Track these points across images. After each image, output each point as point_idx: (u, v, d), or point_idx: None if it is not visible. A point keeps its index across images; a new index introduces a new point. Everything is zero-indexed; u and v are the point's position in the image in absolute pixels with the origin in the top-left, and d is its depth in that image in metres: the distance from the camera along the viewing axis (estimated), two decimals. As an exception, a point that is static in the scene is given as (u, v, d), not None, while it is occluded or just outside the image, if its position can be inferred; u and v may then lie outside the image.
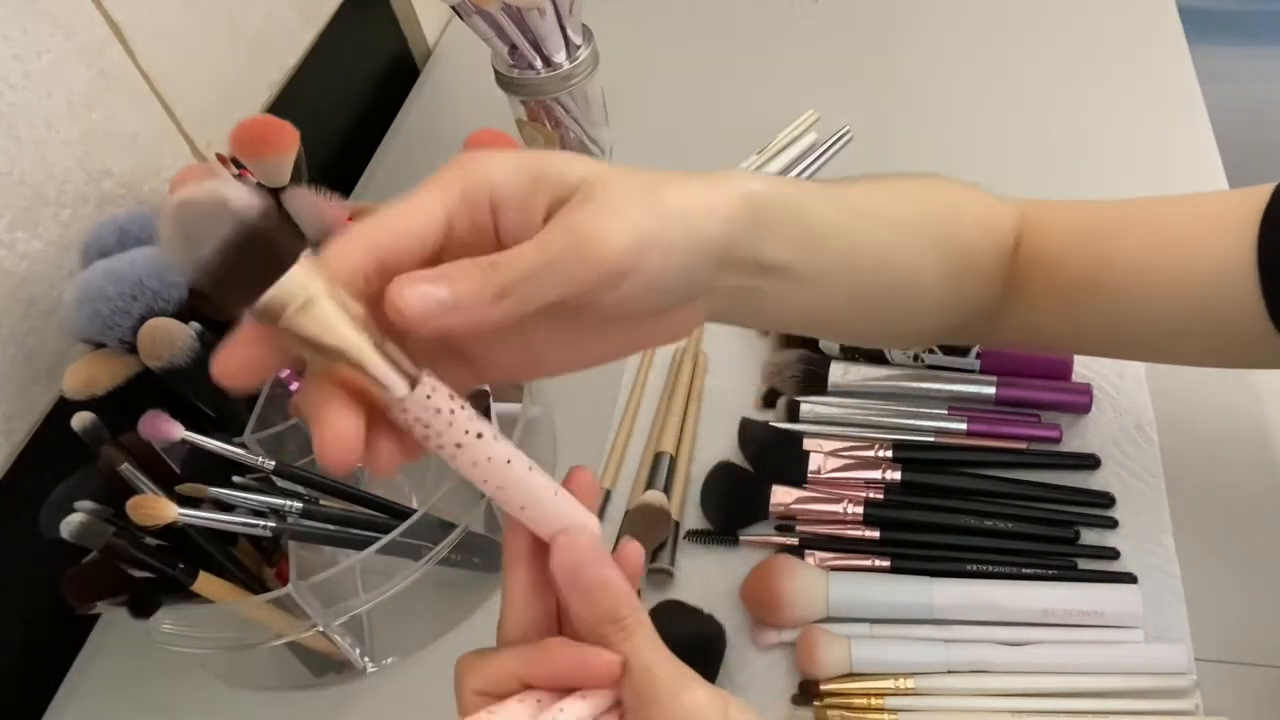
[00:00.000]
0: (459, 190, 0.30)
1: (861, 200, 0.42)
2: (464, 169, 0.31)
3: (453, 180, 0.30)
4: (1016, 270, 0.48)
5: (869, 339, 0.49)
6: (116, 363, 0.56)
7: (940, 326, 0.48)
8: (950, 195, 0.47)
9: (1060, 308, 0.48)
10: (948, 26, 0.93)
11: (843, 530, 0.58)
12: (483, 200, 0.31)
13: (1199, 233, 0.45)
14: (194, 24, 0.76)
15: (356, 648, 0.59)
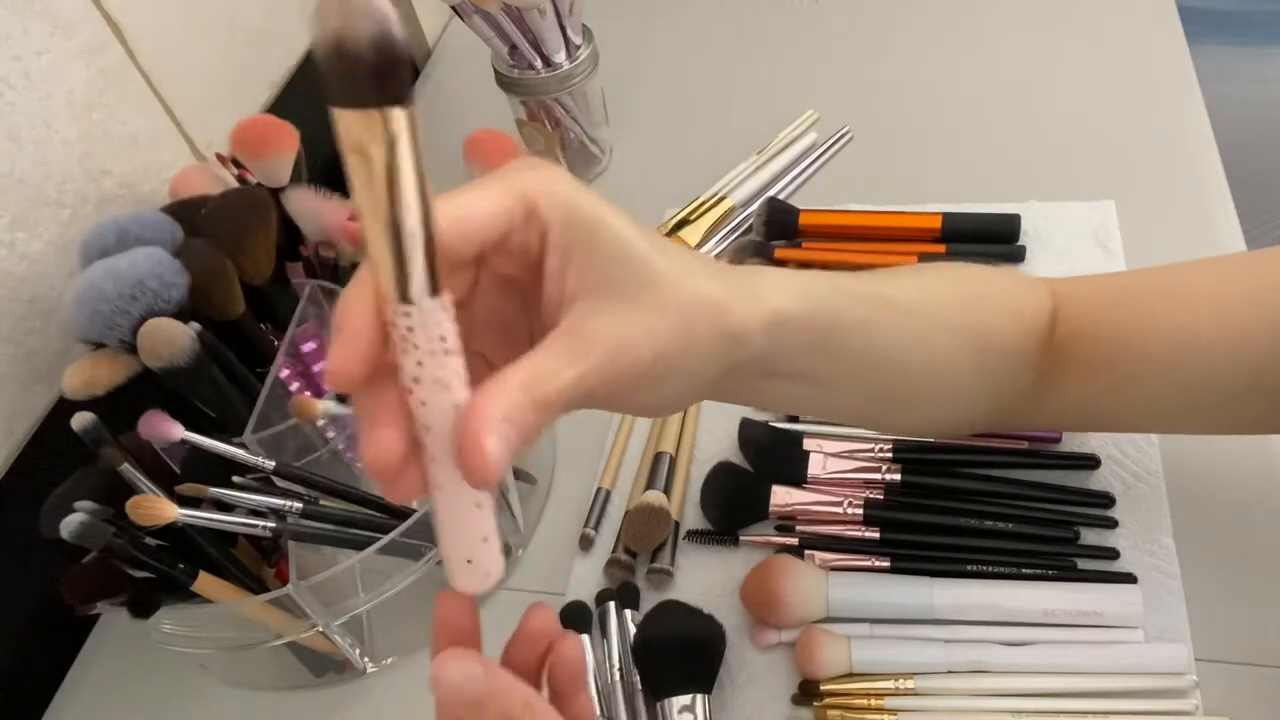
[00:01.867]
0: (524, 206, 0.30)
1: (895, 294, 0.41)
2: (535, 182, 0.30)
3: (522, 190, 0.30)
4: (1055, 348, 0.46)
5: (891, 428, 0.48)
6: (116, 363, 0.56)
7: (970, 414, 0.47)
8: (975, 284, 0.46)
9: (1108, 382, 0.46)
10: (947, 27, 0.93)
11: (843, 530, 0.58)
12: (536, 229, 0.30)
13: (1246, 291, 0.43)
14: (194, 24, 0.76)
15: (356, 648, 0.59)
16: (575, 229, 0.30)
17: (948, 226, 0.73)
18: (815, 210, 0.77)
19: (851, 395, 0.40)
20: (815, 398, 0.39)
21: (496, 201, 0.29)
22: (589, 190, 0.31)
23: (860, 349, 0.39)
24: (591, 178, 0.87)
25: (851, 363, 0.39)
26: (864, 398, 0.41)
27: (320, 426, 0.62)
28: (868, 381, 0.40)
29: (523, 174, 0.30)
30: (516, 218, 0.30)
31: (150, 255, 0.56)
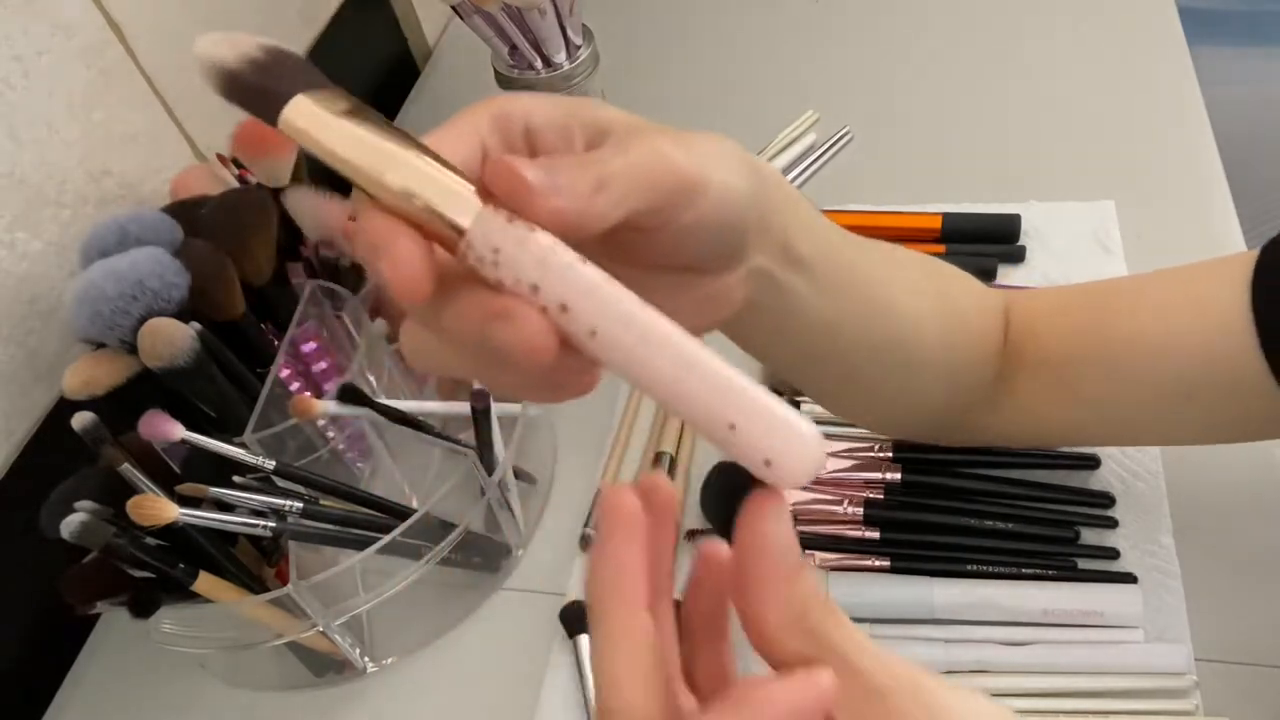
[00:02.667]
0: (489, 119, 0.29)
1: (863, 240, 0.42)
2: (489, 102, 0.29)
3: (481, 112, 0.29)
4: (1008, 352, 0.47)
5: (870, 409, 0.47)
6: (117, 363, 0.56)
7: (938, 404, 0.47)
8: (939, 263, 0.47)
9: (1058, 387, 0.47)
10: (947, 27, 0.93)
11: (843, 530, 0.58)
12: (516, 127, 0.29)
13: (1191, 297, 0.44)
14: (194, 24, 0.76)
15: (356, 648, 0.59)
16: (560, 109, 0.30)
17: (948, 226, 0.73)
18: (815, 210, 0.77)
19: (849, 326, 0.40)
20: (821, 313, 0.38)
21: (456, 129, 0.28)
22: None
23: (851, 265, 0.40)
24: (591, 178, 0.87)
25: (846, 272, 0.39)
26: (860, 338, 0.41)
27: (320, 426, 0.62)
28: (861, 310, 0.40)
29: (473, 104, 0.29)
30: (485, 131, 0.29)
31: (151, 255, 0.56)
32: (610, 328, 0.24)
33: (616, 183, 0.27)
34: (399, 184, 0.24)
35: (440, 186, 0.24)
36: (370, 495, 0.58)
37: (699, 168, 0.30)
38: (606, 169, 0.27)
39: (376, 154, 0.24)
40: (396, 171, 0.24)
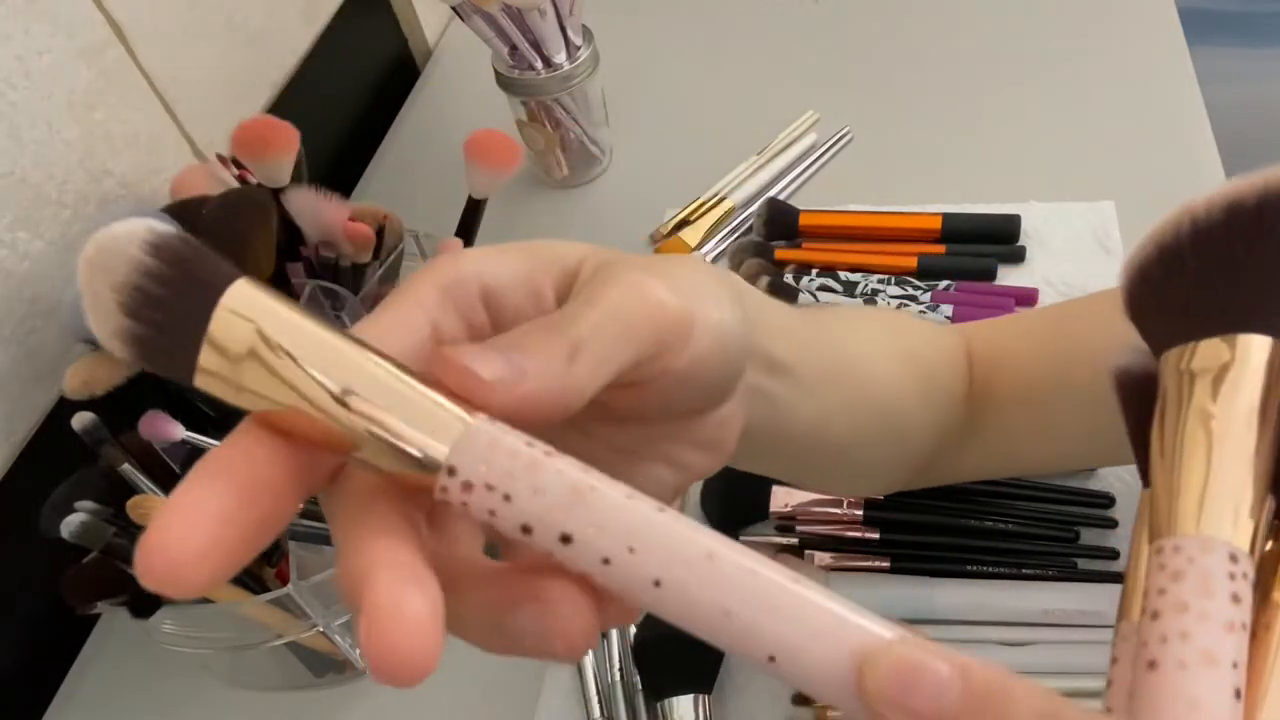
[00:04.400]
0: (436, 292, 0.25)
1: (824, 319, 0.40)
2: (434, 269, 0.25)
3: (424, 283, 0.25)
4: (974, 392, 0.45)
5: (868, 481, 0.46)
6: (117, 363, 0.56)
7: (921, 461, 0.45)
8: (895, 317, 0.45)
9: (1029, 421, 0.45)
10: (947, 27, 0.93)
11: (843, 531, 0.58)
12: (470, 293, 0.25)
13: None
14: (194, 24, 0.76)
15: (356, 648, 0.59)
16: (520, 264, 0.26)
17: (948, 227, 0.73)
18: (815, 211, 0.77)
19: (835, 415, 0.38)
20: (808, 412, 0.36)
21: (398, 314, 0.24)
22: None
23: (830, 359, 0.38)
24: (591, 178, 0.87)
25: (828, 365, 0.37)
26: (846, 421, 0.39)
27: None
28: (845, 397, 0.38)
29: (415, 276, 0.25)
30: (431, 306, 0.25)
31: (151, 255, 0.55)
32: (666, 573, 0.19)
33: (593, 343, 0.23)
34: (356, 414, 0.19)
35: (410, 404, 0.19)
36: (370, 495, 0.58)
37: (686, 305, 0.26)
38: (577, 329, 0.23)
39: (324, 404, 0.19)
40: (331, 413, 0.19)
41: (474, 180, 0.68)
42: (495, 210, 0.70)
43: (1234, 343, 0.21)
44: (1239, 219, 0.23)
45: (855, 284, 0.70)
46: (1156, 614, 0.19)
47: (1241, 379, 0.21)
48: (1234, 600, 0.19)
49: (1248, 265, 0.22)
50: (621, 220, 0.82)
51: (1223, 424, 0.21)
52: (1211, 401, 0.21)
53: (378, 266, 0.68)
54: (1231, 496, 0.20)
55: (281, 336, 0.19)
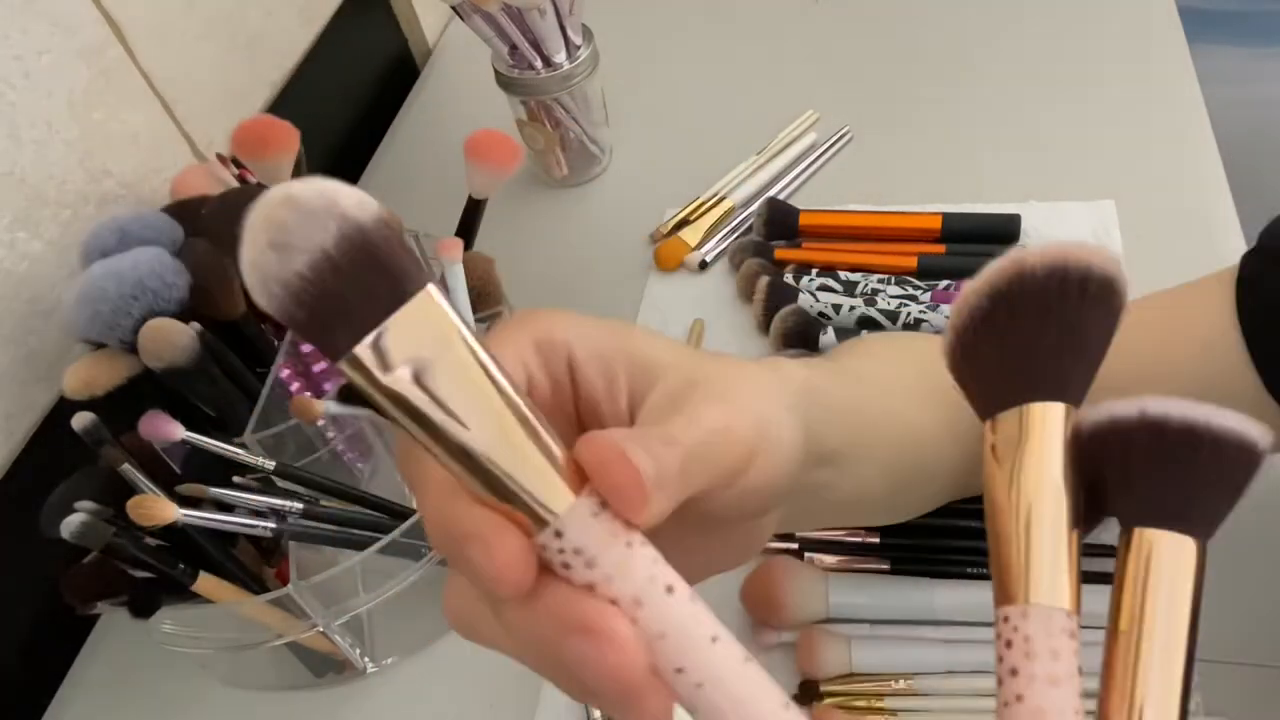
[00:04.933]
0: (533, 345, 0.26)
1: (864, 372, 0.40)
2: (532, 324, 0.27)
3: (524, 337, 0.26)
4: None
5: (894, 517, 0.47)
6: (117, 363, 0.56)
7: (947, 489, 0.45)
8: (924, 351, 0.44)
9: None
10: (947, 26, 0.93)
11: (843, 535, 0.58)
12: (559, 357, 0.27)
13: (1176, 323, 0.44)
14: (194, 24, 0.76)
15: (356, 648, 0.59)
16: (603, 343, 0.27)
17: (948, 227, 0.73)
18: (815, 210, 0.77)
19: (873, 478, 0.38)
20: (849, 485, 0.36)
21: (508, 358, 0.26)
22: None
23: (870, 425, 0.37)
24: (591, 178, 0.87)
25: (868, 434, 0.37)
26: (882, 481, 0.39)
27: (320, 426, 0.62)
28: (883, 459, 0.38)
29: (513, 323, 0.27)
30: (529, 359, 0.26)
31: (151, 255, 0.56)
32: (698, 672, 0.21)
33: (693, 466, 0.24)
34: (488, 458, 0.20)
35: (533, 464, 0.21)
36: (370, 495, 0.58)
37: (759, 436, 0.27)
38: (687, 451, 0.24)
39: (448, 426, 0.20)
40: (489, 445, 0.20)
41: (474, 180, 0.68)
42: (495, 210, 0.70)
43: (1026, 413, 0.24)
44: (1020, 297, 0.24)
45: (855, 284, 0.70)
46: (1000, 680, 0.22)
47: (1039, 450, 0.23)
48: (1053, 656, 0.21)
49: (1035, 337, 0.24)
50: (621, 220, 0.82)
51: (1028, 498, 0.23)
52: (1013, 480, 0.23)
53: (378, 266, 0.68)
54: (1047, 564, 0.22)
55: (439, 370, 0.20)
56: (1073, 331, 0.24)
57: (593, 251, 0.81)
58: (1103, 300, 0.25)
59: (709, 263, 0.77)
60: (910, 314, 0.67)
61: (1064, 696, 0.21)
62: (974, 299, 0.25)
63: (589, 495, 0.21)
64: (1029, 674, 0.22)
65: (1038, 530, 0.23)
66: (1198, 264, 0.46)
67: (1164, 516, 0.23)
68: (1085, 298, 0.24)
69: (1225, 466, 0.23)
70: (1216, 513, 0.23)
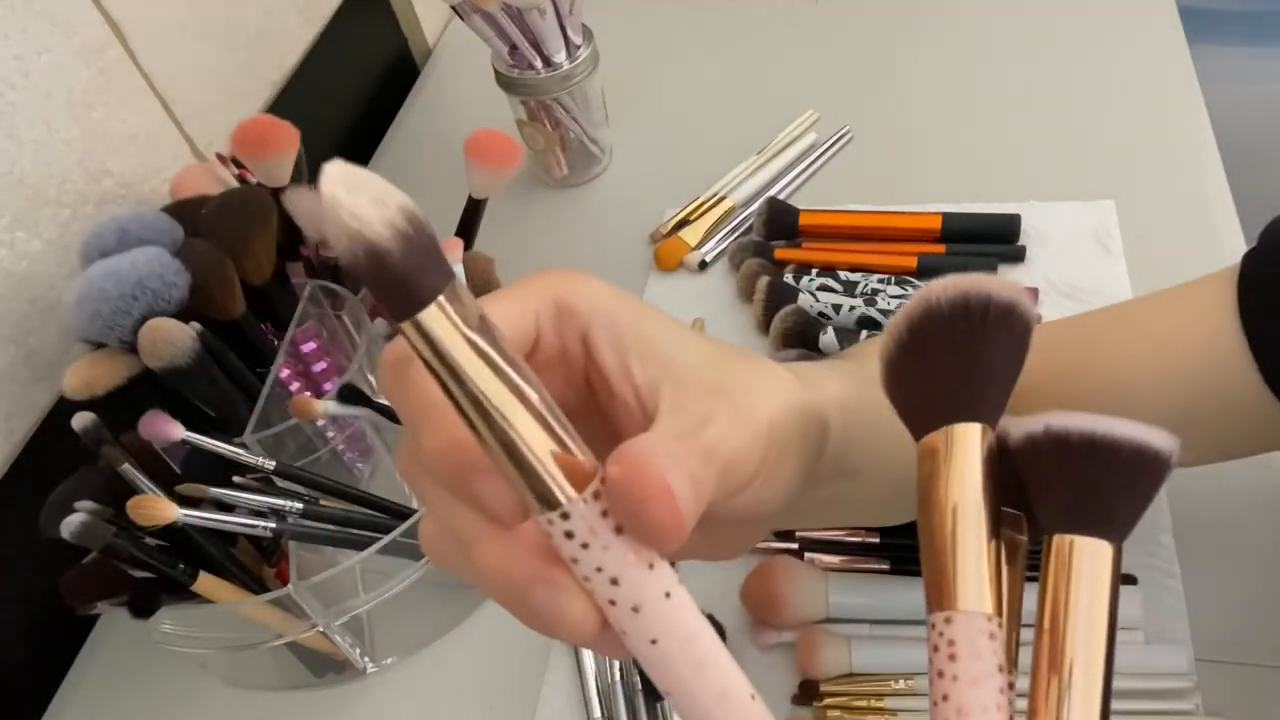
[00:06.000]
0: (552, 306, 0.27)
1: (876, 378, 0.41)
2: (558, 284, 0.27)
3: (546, 295, 0.27)
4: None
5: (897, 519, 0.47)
6: (117, 363, 0.56)
7: None
8: None
9: None
10: (947, 26, 0.93)
11: (843, 535, 0.58)
12: (575, 328, 0.27)
13: (1178, 323, 0.44)
14: (194, 24, 0.76)
15: (356, 648, 0.59)
16: (623, 325, 0.27)
17: (948, 227, 0.73)
18: (815, 210, 0.77)
19: (883, 484, 0.38)
20: (857, 493, 0.37)
21: (518, 305, 0.26)
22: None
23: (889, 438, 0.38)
24: (591, 178, 0.87)
25: (885, 448, 0.37)
26: (889, 487, 0.39)
27: (320, 426, 0.62)
28: (892, 465, 0.37)
29: (537, 276, 0.27)
30: (544, 316, 0.27)
31: (151, 255, 0.56)
32: (670, 642, 0.24)
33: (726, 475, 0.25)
34: (519, 434, 0.21)
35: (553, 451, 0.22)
36: (370, 495, 0.58)
37: (773, 460, 0.28)
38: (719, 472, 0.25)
39: (503, 390, 0.21)
40: (519, 418, 0.21)
41: (474, 180, 0.68)
42: (495, 209, 0.70)
43: (949, 434, 0.26)
44: (930, 329, 0.26)
45: (855, 284, 0.70)
46: (930, 681, 0.24)
47: (959, 469, 0.25)
48: (974, 657, 0.24)
49: (946, 365, 0.26)
50: (621, 220, 0.82)
51: (950, 514, 0.25)
52: (937, 499, 0.25)
53: (378, 266, 0.68)
54: (970, 574, 0.24)
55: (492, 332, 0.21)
56: (979, 357, 0.26)
57: (593, 251, 0.81)
58: (1005, 327, 0.26)
59: (709, 263, 0.77)
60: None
61: (984, 694, 0.23)
62: (895, 331, 0.27)
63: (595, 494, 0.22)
64: (952, 674, 0.24)
65: (960, 543, 0.25)
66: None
67: (1077, 523, 0.24)
68: (987, 326, 0.26)
69: (1131, 473, 0.24)
70: (1128, 516, 0.25)
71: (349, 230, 0.19)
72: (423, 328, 0.20)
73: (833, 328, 0.67)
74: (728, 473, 0.25)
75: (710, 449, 0.25)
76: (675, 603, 0.23)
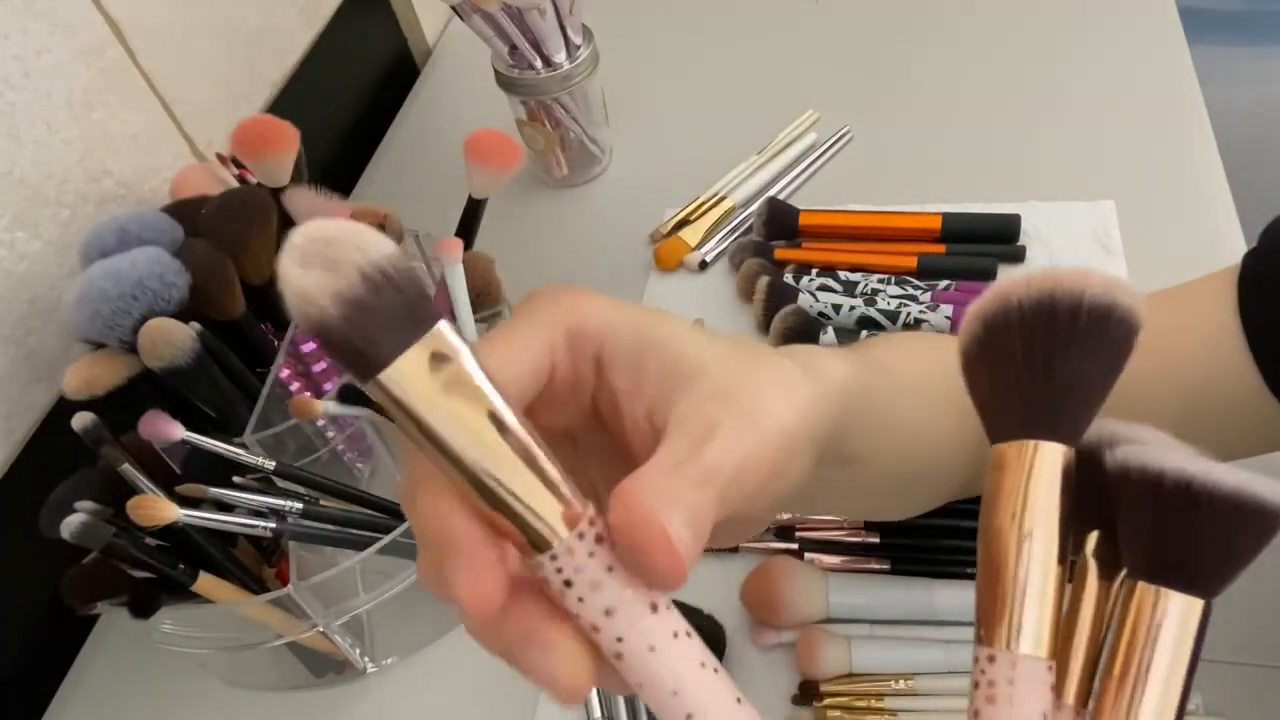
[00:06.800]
0: (564, 333, 0.26)
1: (895, 372, 0.40)
2: (568, 310, 0.26)
3: (557, 322, 0.26)
4: None
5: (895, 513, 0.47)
6: (117, 363, 0.56)
7: (952, 489, 0.45)
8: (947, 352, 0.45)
9: None
10: (947, 26, 0.93)
11: (843, 535, 0.58)
12: (587, 350, 0.26)
13: (1177, 318, 0.44)
14: (194, 24, 0.76)
15: (356, 648, 0.59)
16: (635, 337, 0.26)
17: (948, 227, 0.73)
18: (815, 210, 0.77)
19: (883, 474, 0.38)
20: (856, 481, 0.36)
21: (530, 342, 0.25)
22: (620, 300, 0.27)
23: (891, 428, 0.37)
24: (591, 178, 0.87)
25: (886, 439, 0.37)
26: (893, 478, 0.39)
27: (320, 426, 0.62)
28: (895, 457, 0.38)
29: (546, 304, 0.26)
30: (558, 348, 0.26)
31: (151, 255, 0.56)
32: (655, 692, 0.23)
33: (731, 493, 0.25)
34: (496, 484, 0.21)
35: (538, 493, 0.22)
36: (370, 495, 0.58)
37: (785, 460, 0.27)
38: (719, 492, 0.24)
39: (477, 440, 0.21)
40: (498, 468, 0.21)
41: (474, 180, 0.68)
42: (495, 209, 0.70)
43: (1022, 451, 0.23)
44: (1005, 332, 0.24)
45: (855, 284, 0.70)
46: (976, 713, 0.22)
47: (1032, 494, 0.23)
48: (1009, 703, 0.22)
49: (1024, 373, 0.23)
50: (621, 220, 0.82)
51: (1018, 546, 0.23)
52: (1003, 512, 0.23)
53: (378, 266, 0.68)
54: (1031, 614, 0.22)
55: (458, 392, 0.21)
56: (1065, 368, 0.23)
57: (593, 251, 0.81)
58: (1099, 334, 0.23)
59: (709, 263, 0.77)
60: (910, 314, 0.67)
61: None
62: (970, 325, 0.25)
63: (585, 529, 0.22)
64: (986, 717, 0.22)
65: (1026, 580, 0.23)
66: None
67: (1167, 575, 0.22)
68: (1077, 334, 0.23)
69: (1241, 531, 0.22)
70: (1225, 572, 0.23)
71: (295, 307, 0.20)
72: (383, 387, 0.20)
73: (833, 328, 0.67)
74: (736, 484, 0.25)
75: (712, 469, 0.24)
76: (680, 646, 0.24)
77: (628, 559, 0.22)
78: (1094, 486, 0.23)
